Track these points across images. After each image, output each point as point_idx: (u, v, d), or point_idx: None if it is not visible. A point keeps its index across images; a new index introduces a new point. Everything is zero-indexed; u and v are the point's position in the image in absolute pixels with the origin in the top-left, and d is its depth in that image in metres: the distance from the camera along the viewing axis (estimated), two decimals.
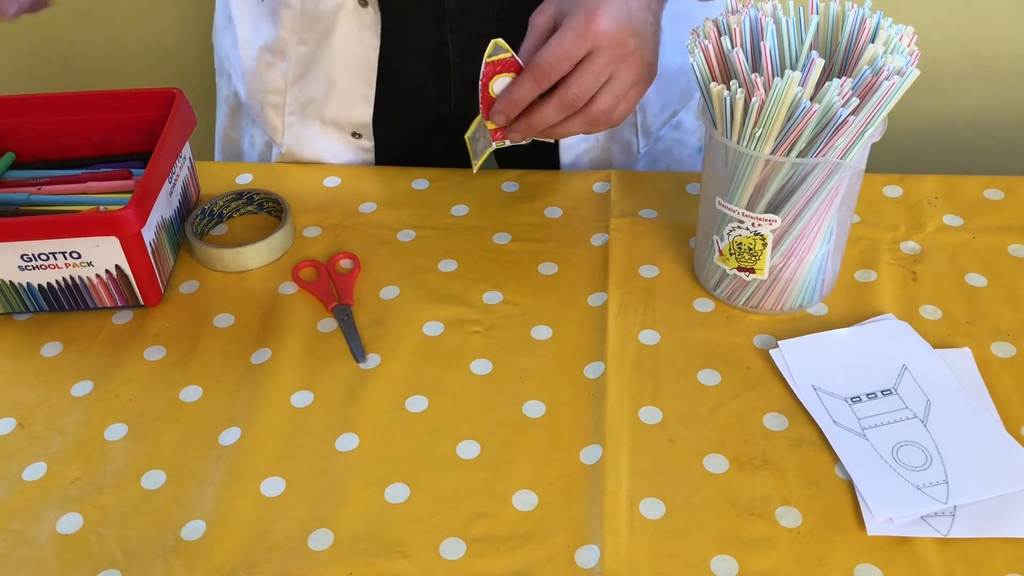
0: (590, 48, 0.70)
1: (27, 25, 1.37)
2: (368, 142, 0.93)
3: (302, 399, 0.71)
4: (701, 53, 0.67)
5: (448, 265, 0.81)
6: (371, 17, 0.85)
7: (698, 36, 0.68)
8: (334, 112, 0.91)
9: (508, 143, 0.76)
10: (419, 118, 0.95)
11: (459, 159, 0.93)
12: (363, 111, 0.91)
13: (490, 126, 0.75)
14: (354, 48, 0.87)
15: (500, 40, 0.72)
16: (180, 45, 1.37)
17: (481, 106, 0.75)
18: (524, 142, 0.76)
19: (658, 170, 0.99)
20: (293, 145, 0.94)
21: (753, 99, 0.64)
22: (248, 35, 0.92)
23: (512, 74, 0.73)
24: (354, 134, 0.93)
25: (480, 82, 0.73)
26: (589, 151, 0.94)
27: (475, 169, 0.79)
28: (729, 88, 0.65)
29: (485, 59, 0.72)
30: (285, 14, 0.87)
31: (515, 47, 0.73)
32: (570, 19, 0.71)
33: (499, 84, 0.73)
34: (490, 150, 0.77)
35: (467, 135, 0.78)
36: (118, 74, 1.40)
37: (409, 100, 0.92)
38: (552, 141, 0.79)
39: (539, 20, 0.74)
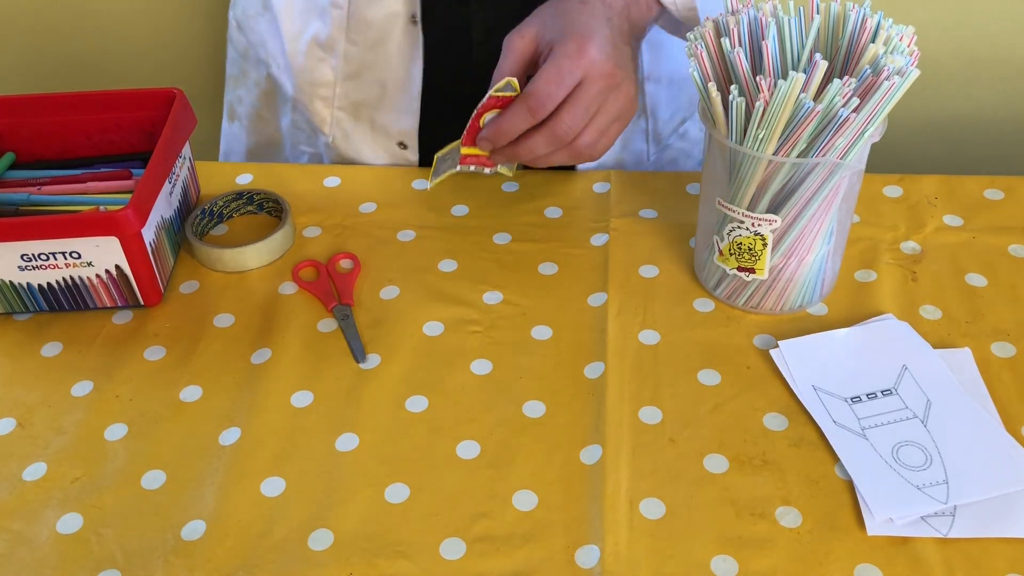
0: (581, 77, 0.71)
1: (27, 25, 1.37)
2: (413, 155, 0.94)
3: (302, 399, 0.71)
4: (699, 54, 0.67)
5: (448, 265, 0.81)
6: (420, 37, 0.87)
7: (696, 37, 0.68)
8: (384, 118, 0.93)
9: (472, 168, 0.79)
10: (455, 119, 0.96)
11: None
12: (410, 121, 0.92)
13: (465, 152, 0.76)
14: (405, 61, 0.89)
15: (514, 80, 0.73)
16: (180, 45, 1.37)
17: (465, 132, 0.76)
18: (488, 170, 0.79)
19: None
20: (340, 139, 0.95)
21: (757, 102, 0.64)
22: (296, 30, 0.93)
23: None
24: (400, 144, 0.94)
25: (476, 110, 0.74)
26: (603, 164, 0.94)
27: (430, 186, 0.83)
28: (729, 90, 0.65)
29: (491, 91, 0.73)
30: (335, 14, 0.88)
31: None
32: (561, 46, 0.71)
33: (490, 116, 0.74)
34: (452, 172, 0.79)
35: (438, 154, 0.80)
36: (118, 74, 1.40)
37: (447, 103, 0.93)
38: (509, 171, 0.80)
39: (517, 43, 0.74)
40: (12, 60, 1.40)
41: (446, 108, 0.90)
